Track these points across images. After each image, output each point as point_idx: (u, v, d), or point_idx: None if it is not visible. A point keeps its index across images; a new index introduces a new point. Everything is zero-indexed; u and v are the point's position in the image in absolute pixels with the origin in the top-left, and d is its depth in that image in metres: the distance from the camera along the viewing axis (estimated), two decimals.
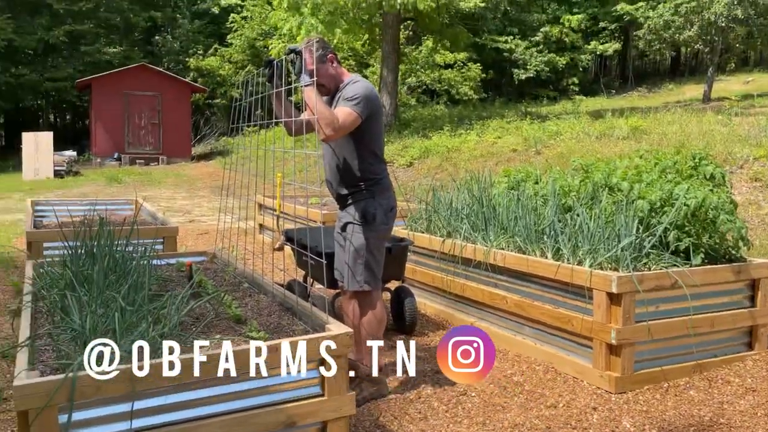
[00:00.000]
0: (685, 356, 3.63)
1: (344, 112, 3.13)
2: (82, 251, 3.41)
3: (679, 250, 3.74)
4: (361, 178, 3.32)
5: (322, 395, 2.64)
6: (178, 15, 29.39)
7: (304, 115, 3.46)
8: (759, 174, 7.67)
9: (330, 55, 3.30)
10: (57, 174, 16.76)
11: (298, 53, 3.08)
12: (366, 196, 3.31)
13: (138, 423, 2.27)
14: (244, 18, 26.18)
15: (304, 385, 2.62)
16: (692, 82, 26.24)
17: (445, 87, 26.07)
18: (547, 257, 3.96)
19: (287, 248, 6.13)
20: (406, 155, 13.56)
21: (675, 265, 3.64)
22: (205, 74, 26.12)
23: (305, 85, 3.04)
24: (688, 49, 26.00)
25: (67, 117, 32.08)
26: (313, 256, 3.99)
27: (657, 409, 3.24)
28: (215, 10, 28.24)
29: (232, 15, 26.45)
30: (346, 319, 3.52)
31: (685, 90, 24.14)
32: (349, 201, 3.35)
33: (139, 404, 2.27)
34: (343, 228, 3.39)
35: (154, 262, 3.79)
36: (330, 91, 3.37)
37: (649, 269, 3.59)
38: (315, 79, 3.05)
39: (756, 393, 3.39)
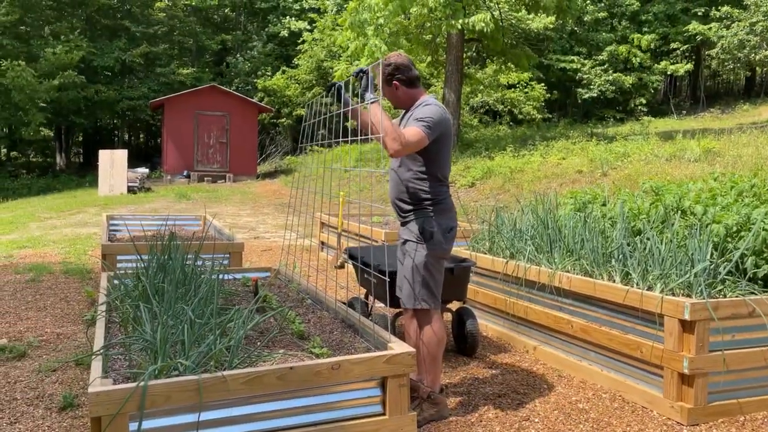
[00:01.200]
0: (764, 389, 3.43)
1: (412, 131, 3.16)
2: (154, 264, 3.54)
3: (757, 277, 3.57)
4: (422, 198, 3.33)
5: (383, 414, 2.63)
6: (249, 37, 30.40)
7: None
8: None
9: (396, 81, 3.34)
10: (130, 190, 17.50)
11: (365, 72, 3.15)
12: (426, 214, 3.33)
13: None
14: (314, 39, 26.84)
15: (365, 403, 2.63)
16: None
17: (508, 107, 25.89)
18: (615, 281, 3.84)
19: (349, 266, 6.18)
20: (468, 175, 13.49)
21: (753, 292, 3.46)
22: (272, 94, 26.84)
23: (370, 102, 3.09)
24: (764, 69, 24.96)
25: (141, 136, 33.54)
26: (376, 274, 4.01)
27: None
28: (284, 33, 29.08)
29: (303, 35, 27.17)
30: (408, 338, 3.50)
31: (761, 111, 23.13)
32: (410, 218, 3.37)
33: (206, 415, 2.32)
34: (403, 244, 3.41)
35: (221, 276, 3.89)
36: (398, 108, 3.45)
37: (725, 296, 3.43)
38: (379, 97, 3.10)
39: None
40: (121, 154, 17.85)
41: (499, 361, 4.28)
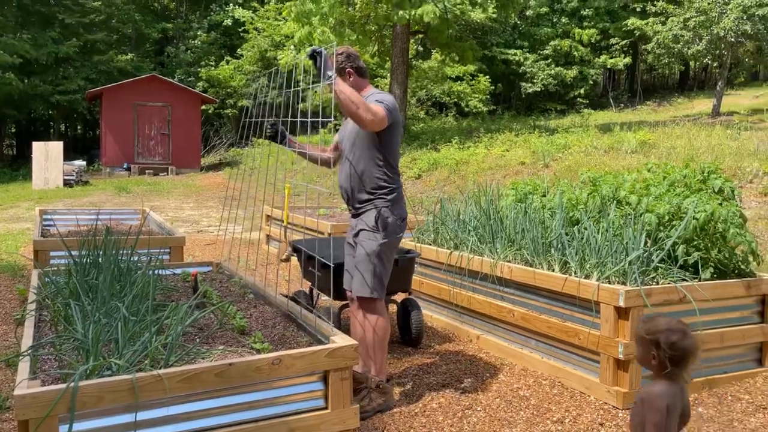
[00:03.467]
0: (694, 372, 3.57)
1: (376, 106, 3.20)
2: (88, 260, 3.41)
3: (688, 265, 3.71)
4: (377, 187, 3.35)
5: (326, 408, 2.62)
6: (191, 26, 29.65)
7: (327, 152, 3.74)
8: None
9: (349, 69, 3.38)
10: (66, 183, 16.86)
11: (318, 53, 3.08)
12: (380, 204, 3.33)
13: None
14: (257, 29, 26.40)
15: (307, 397, 2.61)
16: (701, 96, 26.18)
17: (454, 100, 26.12)
18: (554, 270, 3.93)
19: (294, 259, 6.12)
20: (414, 167, 13.57)
21: (684, 279, 3.60)
22: (216, 85, 26.30)
23: (332, 81, 3.07)
24: (697, 63, 25.96)
25: (78, 127, 32.33)
26: (320, 267, 3.98)
27: None
28: (228, 22, 28.48)
29: (246, 25, 26.67)
30: (354, 329, 3.50)
31: (694, 104, 24.08)
32: (364, 209, 3.37)
33: (142, 415, 2.26)
34: (356, 235, 3.40)
35: (160, 271, 3.79)
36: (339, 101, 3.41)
37: (657, 283, 3.55)
38: (335, 75, 3.10)
39: (766, 411, 3.33)
40: (57, 146, 17.17)
41: (443, 351, 4.32)
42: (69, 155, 19.75)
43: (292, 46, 16.16)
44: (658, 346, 2.08)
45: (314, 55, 3.09)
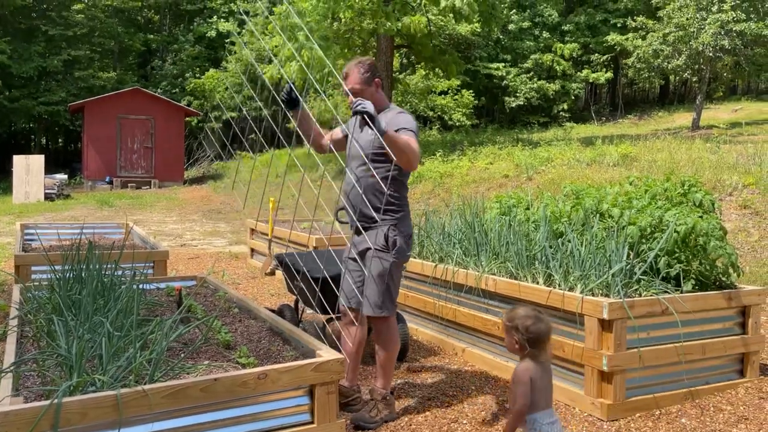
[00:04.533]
0: (677, 383, 3.61)
1: (413, 141, 3.18)
2: (71, 275, 3.38)
3: (670, 277, 3.75)
4: (388, 204, 3.32)
5: (312, 422, 2.61)
6: (175, 39, 29.59)
7: (326, 138, 3.62)
8: (748, 201, 7.74)
9: (377, 80, 3.37)
10: (47, 197, 16.69)
11: (368, 114, 2.93)
12: (388, 222, 3.32)
13: None
14: (245, 43, 26.42)
15: (293, 412, 2.59)
16: (681, 110, 26.59)
17: (438, 113, 26.28)
18: (538, 283, 3.96)
19: (279, 273, 6.10)
20: None
21: (666, 291, 3.64)
22: (201, 98, 26.23)
23: (384, 132, 2.98)
24: (677, 77, 26.40)
25: (59, 140, 32.06)
26: (306, 281, 3.98)
27: None
28: (212, 34, 28.46)
29: (231, 37, 26.66)
30: (344, 344, 3.50)
31: (675, 118, 24.44)
32: (371, 226, 3.34)
33: (126, 431, 2.23)
34: (361, 254, 3.38)
35: (144, 286, 3.76)
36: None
37: (640, 295, 3.59)
38: (384, 128, 2.99)
39: (749, 421, 3.37)
40: (38, 160, 17.01)
41: (428, 364, 4.32)
42: (50, 169, 19.55)
43: (276, 60, 16.18)
44: (518, 331, 2.48)
45: (361, 113, 2.93)
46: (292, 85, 3.40)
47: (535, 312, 2.52)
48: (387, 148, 3.03)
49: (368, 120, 2.92)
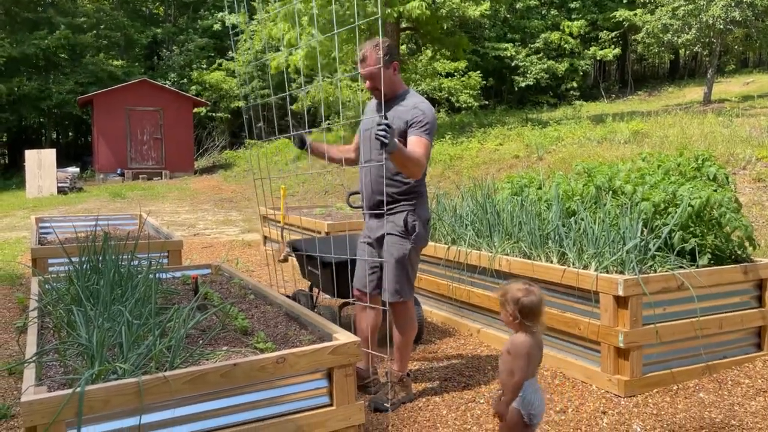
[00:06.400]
0: (694, 358, 3.61)
1: (421, 144, 3.17)
2: (87, 266, 3.42)
3: (685, 252, 3.73)
4: (406, 191, 3.32)
5: (331, 405, 2.63)
6: (181, 30, 29.55)
7: (351, 151, 3.69)
8: (762, 174, 7.65)
9: (395, 62, 3.33)
10: (60, 191, 16.82)
11: (390, 127, 2.91)
12: (407, 207, 3.32)
13: None
14: (253, 32, 26.33)
15: (312, 395, 2.62)
16: (692, 84, 26.27)
17: (446, 95, 26.11)
18: (552, 262, 3.95)
19: (293, 259, 6.13)
20: None
21: (681, 266, 3.62)
22: (209, 88, 26.23)
23: (392, 150, 2.95)
24: (687, 52, 26.05)
25: (70, 134, 32.20)
26: (321, 266, 3.99)
27: (667, 412, 3.22)
28: (217, 26, 28.40)
29: (240, 26, 26.58)
30: (359, 328, 3.52)
31: (685, 93, 24.16)
32: (389, 212, 3.34)
33: (148, 417, 2.26)
34: (379, 239, 3.39)
35: (159, 275, 3.79)
36: (385, 96, 3.34)
37: (655, 271, 3.58)
38: (396, 145, 2.97)
39: (767, 394, 3.36)
40: (50, 154, 17.12)
41: (444, 345, 4.34)
42: (62, 162, 19.68)
43: (284, 47, 16.12)
44: (512, 305, 2.51)
45: (384, 128, 2.88)
46: (303, 135, 3.46)
47: (527, 285, 2.56)
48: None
49: (383, 144, 2.89)
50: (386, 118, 2.95)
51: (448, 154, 13.04)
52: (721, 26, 17.50)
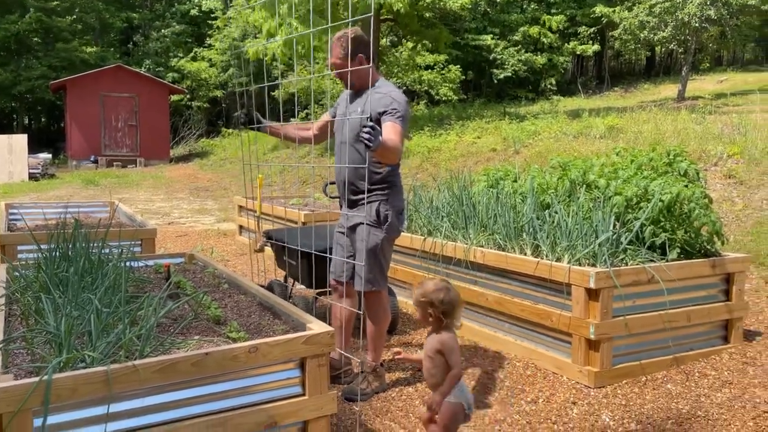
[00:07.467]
0: (663, 350, 3.67)
1: (396, 130, 3.16)
2: (57, 254, 3.36)
3: (656, 246, 3.79)
4: (379, 181, 3.32)
5: (303, 394, 2.63)
6: (158, 16, 29.10)
7: (312, 129, 3.70)
8: (733, 171, 7.79)
9: (360, 55, 3.31)
10: (32, 177, 16.51)
11: (374, 129, 2.86)
12: (379, 197, 3.33)
13: (115, 426, 2.24)
14: (229, 19, 26.04)
15: (284, 384, 2.61)
16: (668, 81, 26.60)
17: (425, 88, 26.11)
18: (526, 254, 3.99)
19: (268, 249, 6.10)
20: None
21: (651, 260, 3.68)
22: (186, 76, 25.89)
23: (376, 147, 2.90)
24: (663, 49, 26.37)
25: (42, 119, 31.61)
26: (295, 256, 3.98)
27: (635, 402, 3.28)
28: (194, 12, 28.01)
29: (216, 13, 26.24)
30: (334, 318, 3.52)
31: (661, 89, 24.46)
32: (362, 201, 3.34)
33: (117, 407, 2.24)
34: (352, 229, 3.38)
35: (132, 264, 3.75)
36: (354, 87, 3.38)
37: (626, 264, 3.63)
38: (380, 142, 2.92)
39: (732, 386, 3.44)
40: (21, 139, 16.79)
41: (418, 336, 4.36)
42: (34, 148, 19.31)
43: (263, 36, 15.94)
44: (433, 305, 2.56)
45: (368, 128, 2.85)
46: (250, 108, 3.51)
47: (444, 283, 2.62)
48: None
49: (367, 146, 2.87)
50: (370, 119, 2.96)
51: (427, 147, 13.06)
52: (697, 24, 17.73)
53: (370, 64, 3.28)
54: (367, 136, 2.82)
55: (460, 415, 2.56)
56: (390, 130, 3.15)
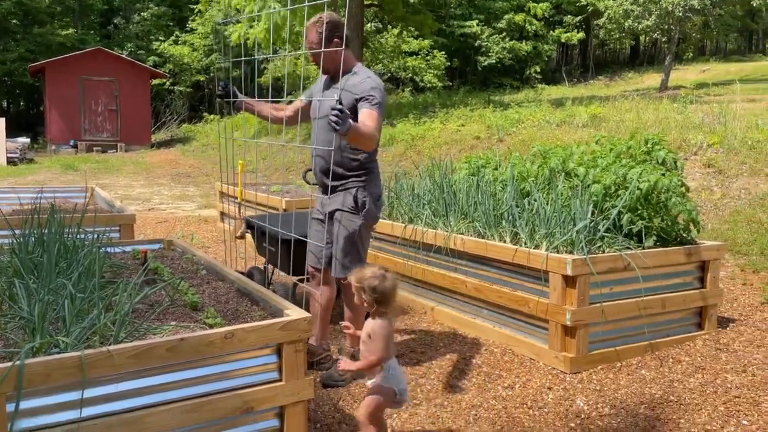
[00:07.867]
0: (638, 336, 3.72)
1: (372, 117, 3.13)
2: (32, 239, 3.32)
3: (633, 233, 3.83)
4: (357, 167, 3.31)
5: (280, 380, 2.63)
6: None
7: (286, 111, 3.70)
8: (712, 160, 7.88)
9: (336, 39, 3.27)
10: (10, 161, 16.27)
11: (343, 111, 2.82)
12: (357, 184, 3.32)
13: (90, 410, 2.23)
14: (210, 2, 25.70)
15: (261, 370, 2.61)
16: (651, 71, 26.77)
17: (410, 75, 26.04)
18: (505, 241, 4.01)
19: (249, 236, 6.07)
20: None
21: (628, 247, 3.72)
22: (167, 59, 25.57)
23: (346, 132, 2.87)
24: (647, 38, 26.51)
25: (21, 103, 31.09)
26: (275, 243, 3.97)
27: (610, 388, 3.32)
28: None
29: None
30: (313, 304, 3.52)
31: (644, 79, 24.61)
32: (342, 187, 3.32)
33: (91, 392, 2.23)
34: (330, 215, 3.37)
35: (109, 249, 3.72)
36: (330, 72, 3.35)
37: (603, 252, 3.66)
38: (350, 126, 2.88)
39: (705, 371, 3.50)
40: None
41: (399, 323, 4.38)
42: (12, 132, 19.00)
43: (244, 20, 15.77)
44: (366, 291, 2.59)
45: (336, 111, 2.79)
46: (227, 82, 3.49)
47: (382, 271, 2.63)
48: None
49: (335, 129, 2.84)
50: (340, 102, 2.94)
51: (411, 134, 13.04)
52: (680, 13, 17.84)
53: (343, 47, 3.24)
54: (334, 119, 2.78)
55: (388, 399, 2.61)
56: (366, 117, 3.14)
